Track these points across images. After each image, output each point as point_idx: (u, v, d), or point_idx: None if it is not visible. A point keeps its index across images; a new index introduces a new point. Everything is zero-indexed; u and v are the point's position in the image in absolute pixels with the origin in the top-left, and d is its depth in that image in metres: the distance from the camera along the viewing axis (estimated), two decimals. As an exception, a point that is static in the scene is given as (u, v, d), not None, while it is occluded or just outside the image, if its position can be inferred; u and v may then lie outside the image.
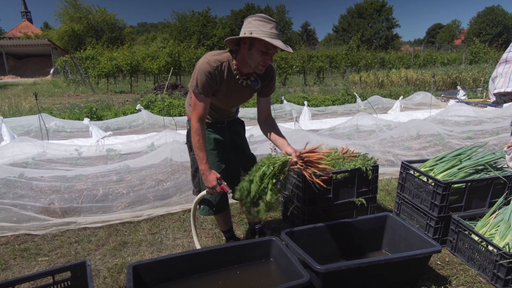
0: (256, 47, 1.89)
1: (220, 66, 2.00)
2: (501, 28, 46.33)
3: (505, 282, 2.13)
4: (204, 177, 2.07)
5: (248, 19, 1.91)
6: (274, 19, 1.88)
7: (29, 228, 2.92)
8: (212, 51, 2.07)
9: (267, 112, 2.26)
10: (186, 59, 17.08)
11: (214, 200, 2.27)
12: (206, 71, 1.96)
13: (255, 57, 1.92)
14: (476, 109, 7.50)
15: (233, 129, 2.37)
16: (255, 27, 1.84)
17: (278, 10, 45.75)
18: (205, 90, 1.99)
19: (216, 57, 2.01)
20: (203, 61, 1.99)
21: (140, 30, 78.84)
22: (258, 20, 1.86)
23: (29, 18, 49.32)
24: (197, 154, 2.05)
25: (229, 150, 2.32)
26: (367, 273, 1.99)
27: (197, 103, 2.02)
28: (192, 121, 2.04)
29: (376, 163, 2.85)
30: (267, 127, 2.24)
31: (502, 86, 1.55)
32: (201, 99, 2.01)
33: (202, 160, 2.04)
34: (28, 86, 18.28)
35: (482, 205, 2.73)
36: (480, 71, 16.13)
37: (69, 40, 34.03)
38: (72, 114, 8.25)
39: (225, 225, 2.50)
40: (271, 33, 1.84)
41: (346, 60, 20.29)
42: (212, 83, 1.99)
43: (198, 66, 1.98)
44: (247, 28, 1.88)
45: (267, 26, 1.84)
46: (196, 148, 2.04)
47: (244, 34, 1.88)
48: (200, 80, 1.97)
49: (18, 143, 4.63)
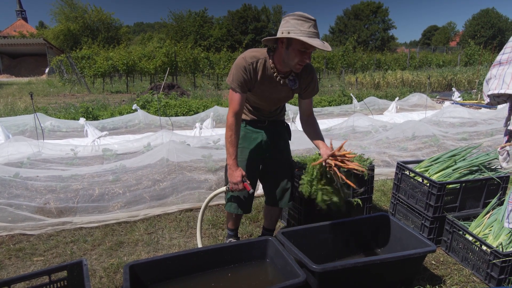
0: (293, 46, 1.87)
1: (256, 63, 2.00)
2: (495, 30, 46.77)
3: (498, 281, 2.15)
4: (230, 171, 2.08)
5: (285, 18, 1.88)
6: (312, 17, 1.85)
7: (24, 228, 2.91)
8: (251, 49, 2.08)
9: (308, 112, 2.25)
10: (183, 59, 17.05)
11: (244, 199, 2.27)
12: (241, 66, 1.98)
13: (293, 57, 1.91)
14: (471, 110, 7.56)
15: (275, 130, 2.33)
16: (293, 26, 1.83)
17: (275, 11, 45.84)
18: (240, 85, 2.00)
19: (253, 53, 2.02)
20: (240, 56, 2.01)
21: (136, 30, 78.58)
22: (295, 19, 1.84)
23: (24, 17, 49.03)
24: (227, 149, 2.06)
25: (266, 150, 2.29)
26: (363, 272, 2.00)
27: (233, 98, 2.03)
28: (228, 115, 2.06)
29: (372, 164, 2.87)
30: (307, 126, 2.25)
31: (496, 87, 1.57)
32: (237, 94, 2.02)
33: (231, 155, 2.05)
34: (23, 85, 18.13)
35: (476, 206, 2.76)
36: (475, 73, 16.27)
37: (64, 39, 33.84)
38: (68, 114, 8.20)
39: (235, 224, 2.52)
40: (309, 32, 1.82)
41: (343, 61, 20.39)
42: (247, 79, 2.00)
43: (235, 62, 2.01)
44: (284, 28, 1.86)
45: (305, 25, 1.82)
46: (228, 142, 2.05)
47: (281, 33, 1.87)
48: (235, 75, 1.99)
49: (13, 142, 4.60)
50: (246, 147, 2.25)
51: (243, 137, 2.24)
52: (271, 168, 2.32)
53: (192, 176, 3.77)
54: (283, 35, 1.85)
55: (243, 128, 2.24)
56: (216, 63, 18.50)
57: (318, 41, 1.83)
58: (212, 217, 3.15)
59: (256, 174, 2.33)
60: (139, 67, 16.84)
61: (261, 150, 2.27)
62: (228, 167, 2.10)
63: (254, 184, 2.31)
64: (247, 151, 2.25)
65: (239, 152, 2.24)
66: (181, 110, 8.97)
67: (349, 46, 21.30)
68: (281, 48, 1.93)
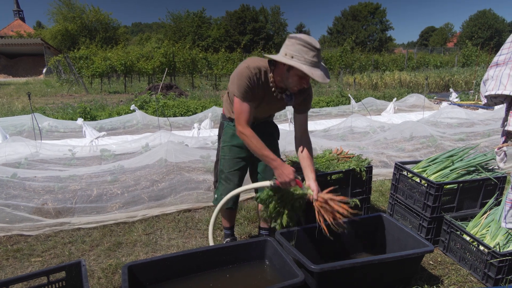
0: (294, 71, 1.89)
1: (259, 73, 2.00)
2: (492, 31, 46.98)
3: (496, 281, 2.16)
4: (278, 172, 2.00)
5: (292, 40, 1.87)
6: (317, 45, 1.85)
7: (22, 228, 2.90)
8: (253, 57, 2.07)
9: (303, 129, 2.23)
10: (181, 59, 17.04)
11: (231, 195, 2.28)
12: (246, 75, 1.96)
13: (292, 80, 1.93)
14: (468, 111, 7.59)
15: (265, 130, 2.33)
16: (297, 52, 1.83)
17: (273, 12, 45.83)
18: (247, 95, 1.99)
19: (256, 63, 2.00)
20: (243, 66, 1.99)
21: (134, 30, 78.46)
22: (301, 45, 1.83)
23: (21, 17, 48.72)
24: (262, 155, 2.02)
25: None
26: (361, 272, 2.01)
27: (243, 109, 2.00)
28: (241, 128, 2.01)
29: (370, 164, 2.88)
30: (300, 146, 2.22)
31: (493, 88, 1.58)
32: (245, 104, 2.00)
33: (270, 157, 2.01)
34: (20, 85, 18.08)
35: (474, 206, 2.77)
36: (472, 73, 16.35)
37: (62, 39, 33.74)
38: (66, 114, 8.18)
39: (229, 222, 2.55)
40: (312, 61, 1.83)
41: (341, 62, 20.43)
42: (252, 88, 1.99)
43: (238, 72, 1.98)
44: (289, 50, 1.86)
45: (310, 54, 1.83)
46: (259, 150, 2.01)
47: (285, 54, 1.87)
48: (241, 85, 1.96)
49: (10, 143, 4.58)
50: (235, 145, 2.27)
51: (232, 135, 2.27)
52: (261, 166, 2.35)
53: (191, 176, 3.77)
54: (286, 59, 1.86)
55: (232, 127, 2.26)
56: (214, 64, 18.50)
57: (318, 72, 1.85)
58: (210, 217, 3.14)
59: (244, 172, 2.37)
60: (137, 68, 16.83)
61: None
62: (274, 169, 2.03)
63: (241, 181, 2.35)
64: (236, 149, 2.28)
65: (227, 150, 2.29)
66: (179, 110, 8.96)
67: (347, 47, 21.36)
68: (282, 67, 1.95)
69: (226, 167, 2.30)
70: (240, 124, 2.02)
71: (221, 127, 2.38)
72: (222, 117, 2.37)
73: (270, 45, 38.87)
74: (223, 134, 2.34)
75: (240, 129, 2.02)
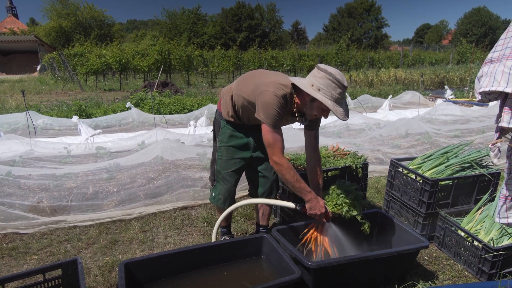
0: (318, 104, 1.89)
1: (285, 98, 1.99)
2: (486, 28, 47.22)
3: (489, 276, 2.19)
4: (311, 204, 2.03)
5: (322, 72, 1.86)
6: (345, 83, 1.87)
7: (17, 226, 2.88)
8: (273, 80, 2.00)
9: (313, 146, 2.22)
10: (176, 57, 16.94)
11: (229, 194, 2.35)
12: (276, 105, 1.93)
13: (314, 110, 1.95)
14: (463, 108, 7.64)
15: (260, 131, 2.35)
16: (325, 86, 1.83)
17: (268, 9, 45.63)
18: (278, 123, 1.97)
19: (281, 91, 1.96)
20: (270, 94, 1.93)
21: (129, 27, 77.76)
22: (330, 80, 1.83)
23: (14, 13, 48.09)
24: (299, 188, 2.01)
25: (253, 149, 2.31)
26: (357, 268, 2.02)
27: (275, 139, 1.96)
28: (276, 158, 1.97)
29: (365, 161, 2.90)
30: (309, 164, 2.24)
31: (487, 85, 1.59)
32: (276, 133, 1.97)
33: (306, 189, 2.02)
34: (14, 83, 17.89)
35: (468, 202, 2.80)
36: (466, 71, 16.43)
37: (56, 36, 33.38)
38: (61, 112, 8.12)
39: (226, 220, 2.56)
40: (337, 98, 1.85)
41: (336, 59, 20.44)
42: (282, 116, 1.99)
43: (266, 100, 1.93)
44: (316, 81, 1.86)
45: (337, 90, 1.84)
46: (296, 182, 1.99)
47: (312, 85, 1.87)
48: (271, 115, 1.93)
49: (4, 141, 4.55)
50: (232, 146, 2.28)
51: (230, 136, 2.27)
52: (262, 165, 2.36)
53: (187, 174, 3.76)
54: (313, 90, 1.86)
55: (229, 127, 2.27)
56: (210, 61, 18.42)
57: (341, 109, 1.87)
58: (207, 215, 3.16)
59: (241, 173, 2.39)
60: (133, 65, 16.70)
61: (248, 150, 2.31)
62: (307, 201, 2.04)
63: (237, 181, 2.38)
64: (233, 150, 2.28)
65: (224, 151, 2.29)
66: (175, 108, 8.93)
67: (343, 44, 21.35)
68: (306, 96, 1.93)
69: (223, 168, 2.31)
70: (275, 155, 1.97)
71: (217, 125, 2.36)
72: (218, 115, 2.35)
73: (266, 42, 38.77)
74: (220, 134, 2.32)
75: (276, 159, 1.97)
